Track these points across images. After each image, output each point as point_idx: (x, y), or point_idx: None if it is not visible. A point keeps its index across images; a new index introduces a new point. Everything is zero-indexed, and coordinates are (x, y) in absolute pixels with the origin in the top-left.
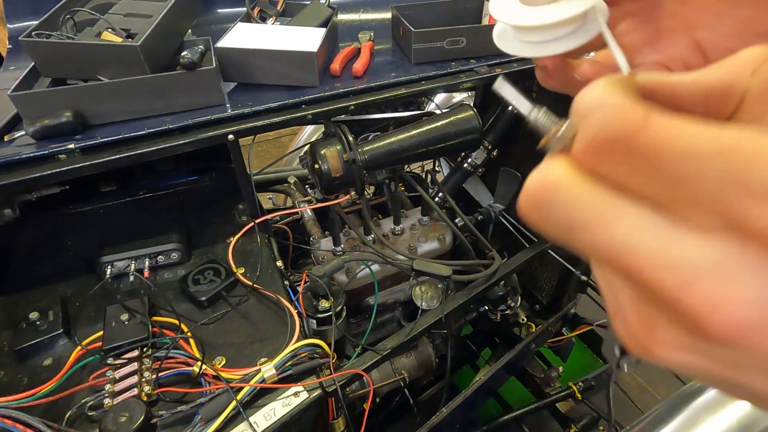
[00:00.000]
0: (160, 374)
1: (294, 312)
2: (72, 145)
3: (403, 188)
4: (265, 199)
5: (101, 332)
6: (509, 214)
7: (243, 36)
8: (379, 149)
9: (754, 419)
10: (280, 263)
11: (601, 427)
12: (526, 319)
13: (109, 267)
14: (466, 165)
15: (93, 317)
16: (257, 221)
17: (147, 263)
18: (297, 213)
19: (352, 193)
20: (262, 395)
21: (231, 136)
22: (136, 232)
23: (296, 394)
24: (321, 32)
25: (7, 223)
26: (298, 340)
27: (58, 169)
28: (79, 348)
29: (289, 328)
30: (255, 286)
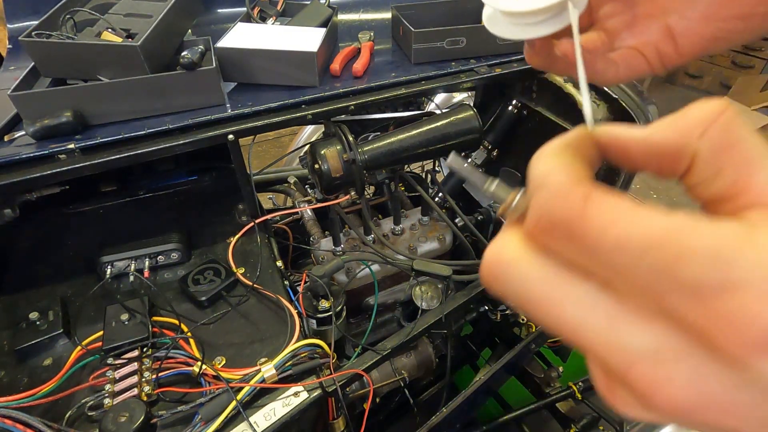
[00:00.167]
0: (160, 374)
1: (294, 312)
2: (72, 145)
3: (403, 188)
4: (265, 199)
5: (101, 332)
6: None
7: (243, 36)
8: (379, 149)
9: None
10: (280, 263)
11: (601, 427)
12: (526, 319)
13: (109, 267)
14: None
15: (93, 317)
16: (257, 221)
17: (147, 263)
18: (297, 213)
19: (352, 193)
20: (262, 395)
21: (231, 136)
22: (136, 232)
23: (296, 394)
24: (321, 32)
25: (7, 223)
26: (298, 340)
27: (58, 169)
28: (79, 348)
29: (289, 328)
30: (255, 286)
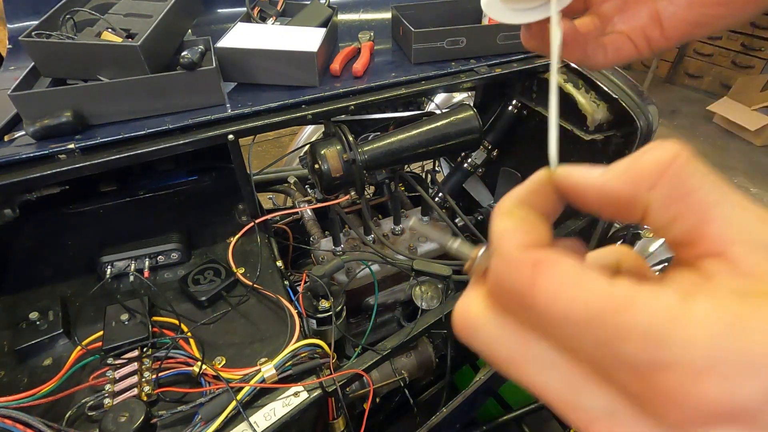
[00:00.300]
0: (160, 374)
1: (294, 312)
2: (72, 145)
3: (403, 188)
4: (265, 199)
5: (101, 332)
6: None
7: (243, 36)
8: (379, 149)
9: None
10: (280, 263)
11: None
12: None
13: (109, 267)
14: (466, 165)
15: (93, 317)
16: (257, 221)
17: (147, 263)
18: (297, 213)
19: (352, 193)
20: (262, 395)
21: (231, 136)
22: (136, 232)
23: (296, 394)
24: (321, 32)
25: (7, 223)
26: (298, 340)
27: (58, 169)
28: (79, 348)
29: (289, 328)
30: (255, 286)
